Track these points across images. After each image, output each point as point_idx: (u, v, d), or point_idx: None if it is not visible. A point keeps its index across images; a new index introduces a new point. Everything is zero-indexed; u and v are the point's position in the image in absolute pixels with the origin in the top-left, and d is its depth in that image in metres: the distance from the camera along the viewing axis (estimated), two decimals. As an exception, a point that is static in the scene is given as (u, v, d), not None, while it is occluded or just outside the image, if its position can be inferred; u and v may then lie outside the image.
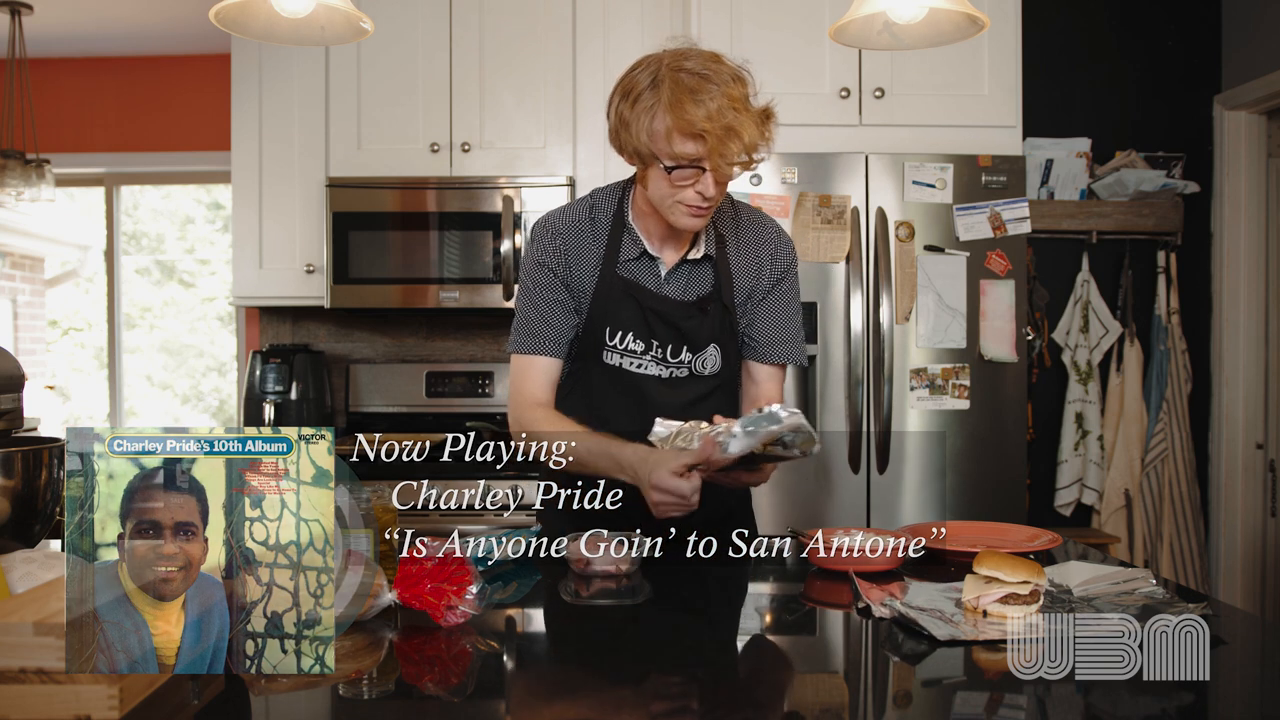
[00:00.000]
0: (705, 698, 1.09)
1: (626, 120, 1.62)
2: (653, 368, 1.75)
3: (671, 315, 1.72)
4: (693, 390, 1.77)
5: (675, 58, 1.58)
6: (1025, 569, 1.26)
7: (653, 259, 1.73)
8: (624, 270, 1.73)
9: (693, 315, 1.73)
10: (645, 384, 1.74)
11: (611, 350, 1.74)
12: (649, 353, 1.74)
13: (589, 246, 1.74)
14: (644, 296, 1.72)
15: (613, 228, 1.74)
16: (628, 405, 1.73)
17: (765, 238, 1.80)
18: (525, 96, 3.28)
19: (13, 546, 1.37)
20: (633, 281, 1.72)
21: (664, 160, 1.58)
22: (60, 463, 1.47)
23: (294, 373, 3.37)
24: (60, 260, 5.43)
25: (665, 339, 1.73)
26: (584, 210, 1.77)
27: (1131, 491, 3.55)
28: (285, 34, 1.59)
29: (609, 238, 1.74)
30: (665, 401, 1.73)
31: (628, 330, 1.72)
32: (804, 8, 2.92)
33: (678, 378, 1.75)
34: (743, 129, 1.55)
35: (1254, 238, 3.61)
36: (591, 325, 1.74)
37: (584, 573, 1.57)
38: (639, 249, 1.73)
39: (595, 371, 1.76)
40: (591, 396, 1.76)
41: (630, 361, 1.74)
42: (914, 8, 1.59)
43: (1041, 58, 3.54)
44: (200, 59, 4.18)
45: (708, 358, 1.76)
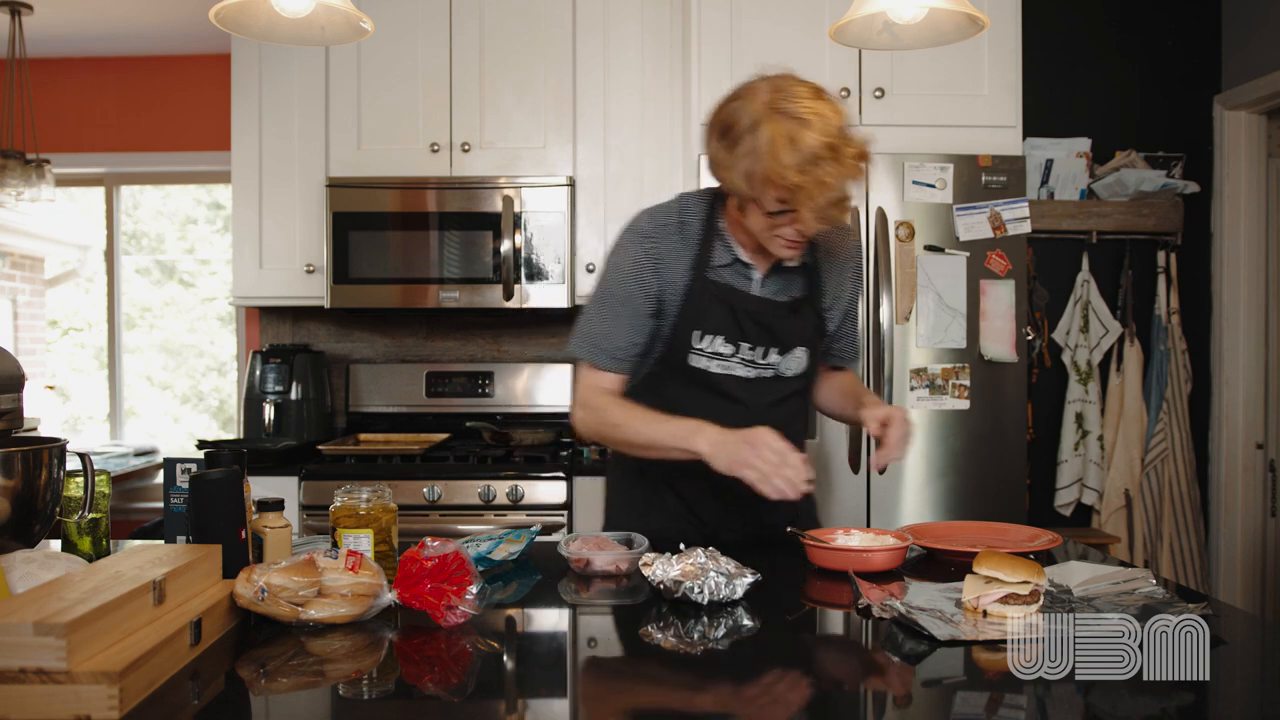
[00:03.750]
0: (704, 699, 1.09)
1: (723, 162, 1.60)
2: (739, 369, 1.76)
3: (765, 315, 1.74)
4: (775, 391, 1.79)
5: (775, 95, 1.55)
6: (1025, 569, 1.26)
7: (746, 265, 1.74)
8: (715, 275, 1.73)
9: (786, 316, 1.75)
10: (728, 384, 1.76)
11: (698, 353, 1.74)
12: (737, 355, 1.75)
13: (679, 250, 1.73)
14: (737, 299, 1.73)
15: (704, 235, 1.73)
16: (708, 404, 1.75)
17: (848, 245, 1.85)
18: (525, 96, 3.28)
19: (13, 546, 1.37)
20: (725, 285, 1.73)
21: (763, 203, 1.58)
22: (60, 463, 1.47)
23: (294, 373, 3.37)
24: (60, 260, 5.42)
25: (756, 339, 1.74)
26: (672, 215, 1.75)
27: (1131, 491, 3.55)
28: (285, 34, 1.59)
29: (700, 244, 1.73)
30: (747, 401, 1.76)
31: (717, 333, 1.73)
32: (804, 7, 2.92)
33: (762, 378, 1.77)
34: (835, 181, 1.53)
35: (1254, 238, 3.61)
36: (679, 328, 1.73)
37: (584, 572, 1.57)
38: (731, 256, 1.73)
39: (678, 373, 1.77)
40: (669, 396, 1.76)
41: (717, 364, 1.75)
42: (914, 8, 1.59)
43: (1041, 58, 3.54)
44: (200, 59, 4.18)
45: (794, 359, 1.78)
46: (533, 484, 2.99)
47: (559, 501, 2.98)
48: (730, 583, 1.35)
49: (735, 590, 1.36)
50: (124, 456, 4.19)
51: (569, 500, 3.00)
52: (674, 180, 3.24)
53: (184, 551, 1.28)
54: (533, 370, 3.57)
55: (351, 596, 1.27)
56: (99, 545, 1.63)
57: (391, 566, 1.47)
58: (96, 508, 1.60)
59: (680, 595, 1.35)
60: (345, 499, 1.50)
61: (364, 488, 1.51)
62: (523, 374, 3.57)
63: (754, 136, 1.53)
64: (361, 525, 1.48)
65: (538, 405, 3.55)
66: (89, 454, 1.58)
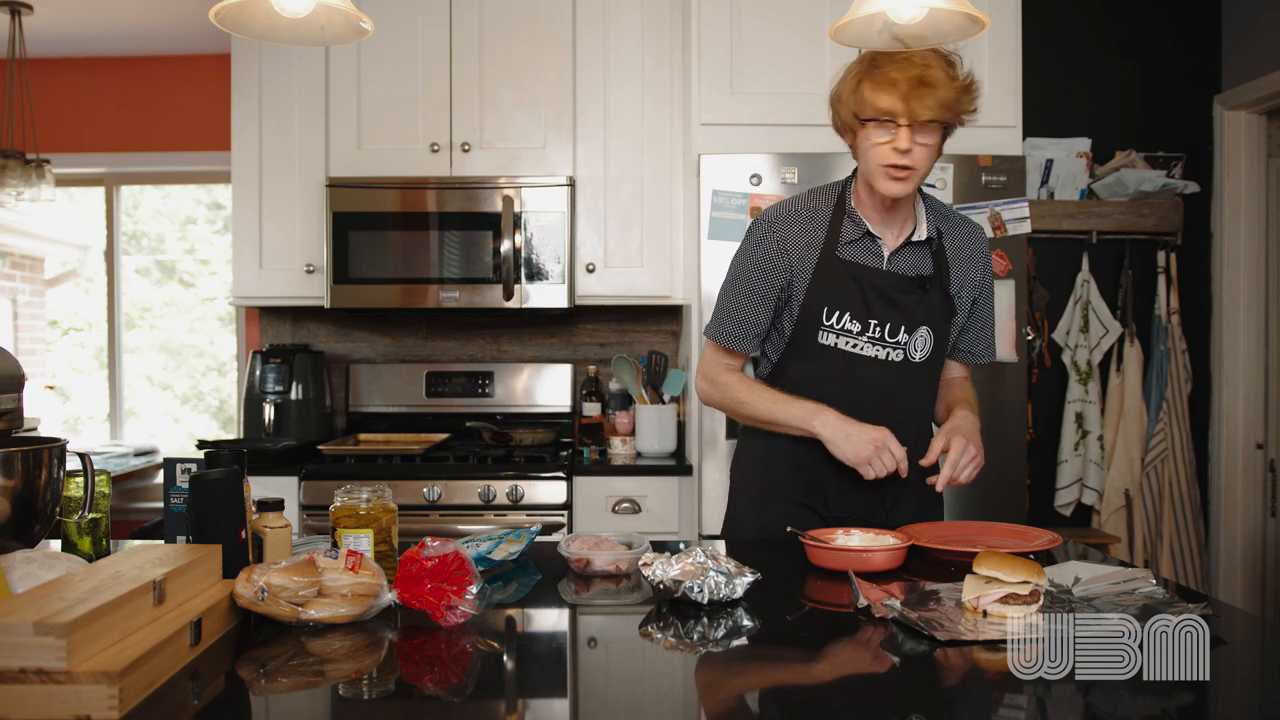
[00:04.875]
0: (704, 698, 1.09)
1: (837, 94, 1.74)
2: (869, 348, 1.80)
3: (890, 290, 1.78)
4: (905, 377, 1.82)
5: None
6: (1025, 569, 1.26)
7: (875, 239, 1.80)
8: (844, 253, 1.79)
9: (912, 291, 1.79)
10: (859, 365, 1.81)
11: (828, 330, 1.80)
12: (866, 332, 1.79)
13: (808, 232, 1.81)
14: (864, 275, 1.78)
15: (834, 215, 1.82)
16: (838, 385, 1.80)
17: (975, 235, 1.90)
18: (525, 96, 3.28)
19: (13, 546, 1.37)
20: (853, 262, 1.79)
21: (863, 117, 1.68)
22: (60, 463, 1.47)
23: (294, 373, 3.37)
24: (60, 260, 5.42)
25: (884, 317, 1.78)
26: (801, 202, 1.85)
27: (1131, 491, 3.55)
28: (285, 34, 1.59)
29: (830, 224, 1.80)
30: (878, 386, 1.81)
31: (845, 310, 1.78)
32: (804, 7, 2.92)
33: (893, 361, 1.81)
34: (936, 83, 1.63)
35: (1254, 238, 3.61)
36: (808, 306, 1.80)
37: (584, 572, 1.57)
38: (861, 230, 1.80)
39: (808, 352, 1.82)
40: (801, 375, 1.83)
41: (846, 341, 1.80)
42: (914, 8, 1.59)
43: (1041, 58, 3.54)
44: (200, 59, 4.18)
45: (919, 339, 1.81)
46: (533, 484, 2.98)
47: (559, 501, 2.98)
48: (730, 582, 1.35)
49: (735, 590, 1.36)
50: (124, 456, 4.19)
51: (569, 500, 3.00)
52: (674, 180, 3.25)
53: (184, 551, 1.28)
54: (532, 370, 3.57)
55: (351, 596, 1.27)
56: (99, 545, 1.63)
57: (391, 566, 1.47)
58: (96, 508, 1.60)
59: (680, 595, 1.35)
60: (345, 499, 1.50)
61: (364, 488, 1.51)
62: (523, 374, 3.57)
63: (861, 62, 1.71)
64: (361, 525, 1.48)
65: (538, 405, 3.55)
66: (89, 454, 1.57)
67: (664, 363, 3.44)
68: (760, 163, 2.78)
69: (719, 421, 2.81)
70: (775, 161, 2.77)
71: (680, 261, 3.23)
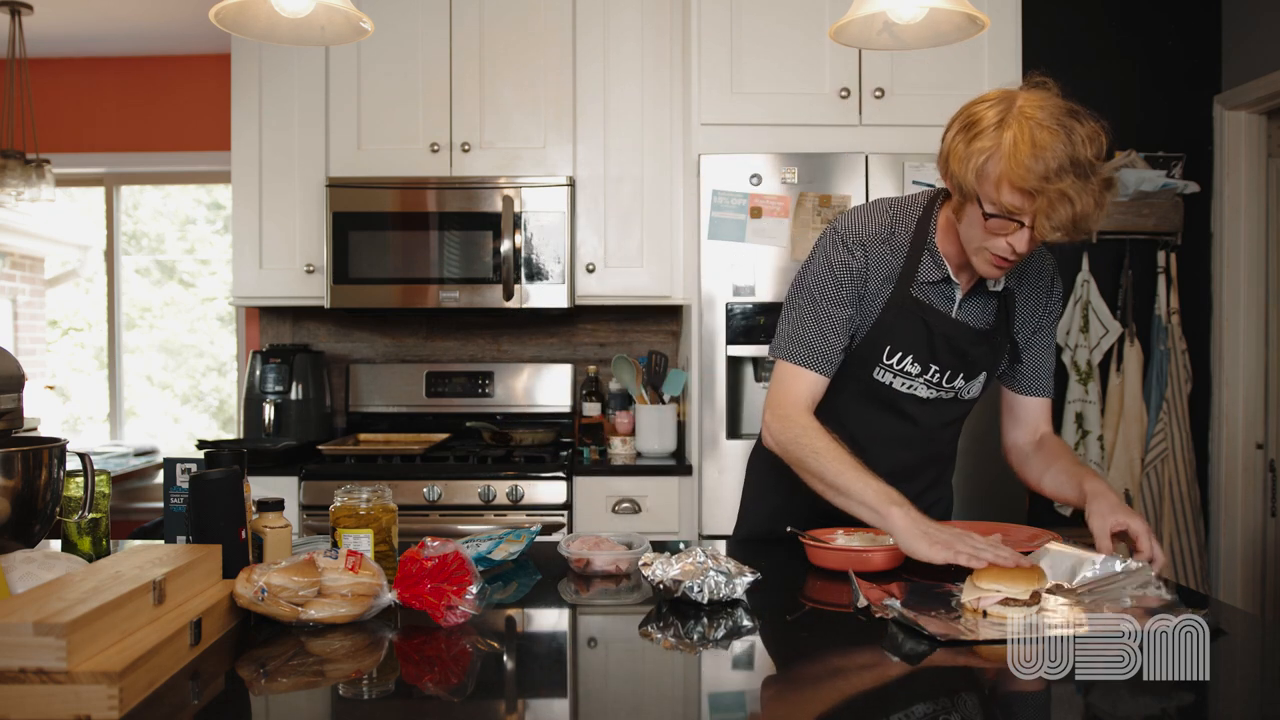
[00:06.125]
0: (704, 698, 1.09)
1: (959, 154, 1.52)
2: (922, 390, 1.73)
3: (959, 340, 1.69)
4: (950, 413, 1.78)
5: (1030, 102, 1.48)
6: (1025, 580, 1.26)
7: (951, 283, 1.68)
8: (918, 291, 1.68)
9: (981, 344, 1.71)
10: (905, 402, 1.74)
11: (885, 369, 1.71)
12: (924, 375, 1.71)
13: (888, 260, 1.68)
14: (936, 320, 1.67)
15: (912, 245, 1.68)
16: (880, 419, 1.74)
17: (1047, 269, 1.78)
18: (525, 96, 3.28)
19: (13, 546, 1.37)
20: (926, 304, 1.68)
21: (985, 205, 1.50)
22: (60, 463, 1.47)
23: (294, 373, 3.37)
24: (60, 260, 5.42)
25: (947, 364, 1.70)
26: (886, 222, 1.69)
27: (1131, 491, 3.55)
28: (285, 34, 1.59)
29: (908, 256, 1.67)
30: (921, 420, 1.75)
31: (909, 353, 1.69)
32: (804, 7, 2.92)
33: (941, 399, 1.75)
34: (1078, 197, 1.43)
35: (1254, 238, 3.61)
36: (871, 342, 1.69)
37: (584, 572, 1.57)
38: (941, 273, 1.67)
39: (856, 386, 1.73)
40: (840, 405, 1.74)
41: (903, 382, 1.72)
42: (914, 8, 1.59)
43: (1041, 57, 3.53)
44: (200, 59, 4.18)
45: (976, 384, 1.76)
46: (533, 484, 2.99)
47: (559, 501, 2.98)
48: (730, 582, 1.35)
49: (735, 589, 1.36)
50: (124, 456, 4.19)
51: (569, 500, 3.00)
52: (674, 180, 3.24)
53: (184, 551, 1.27)
54: (532, 370, 3.57)
55: (351, 596, 1.27)
56: (99, 545, 1.63)
57: (391, 566, 1.47)
58: (96, 508, 1.60)
59: (680, 595, 1.35)
60: (345, 499, 1.50)
61: (364, 488, 1.51)
62: (523, 374, 3.57)
63: (998, 133, 1.47)
64: (361, 525, 1.48)
65: (538, 405, 3.55)
66: (89, 454, 1.57)
67: (664, 363, 3.44)
68: (760, 163, 2.78)
69: (719, 422, 2.81)
70: (775, 161, 2.77)
71: (680, 261, 3.23)
